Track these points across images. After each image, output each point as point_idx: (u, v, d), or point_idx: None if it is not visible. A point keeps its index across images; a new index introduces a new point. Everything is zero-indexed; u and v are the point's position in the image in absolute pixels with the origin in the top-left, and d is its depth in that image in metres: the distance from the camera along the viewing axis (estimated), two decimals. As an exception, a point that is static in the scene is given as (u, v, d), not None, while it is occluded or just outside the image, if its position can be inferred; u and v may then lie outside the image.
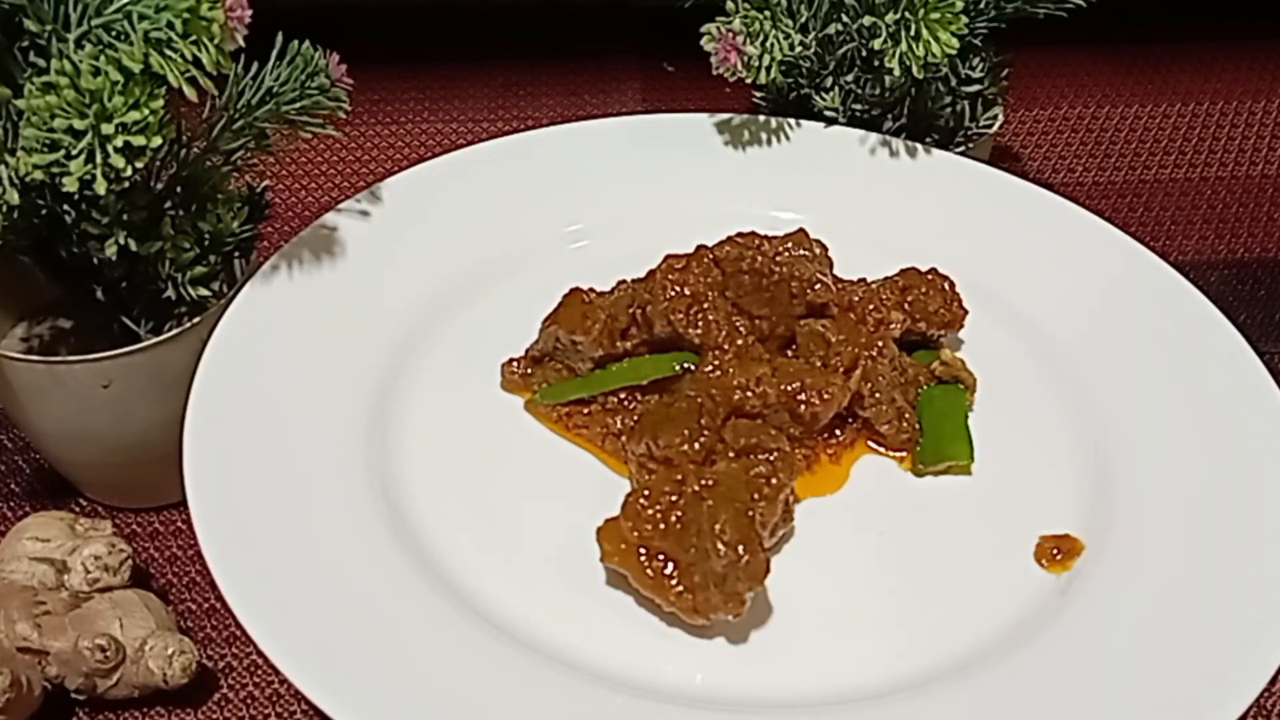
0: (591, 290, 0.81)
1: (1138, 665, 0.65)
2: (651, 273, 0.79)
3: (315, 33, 0.77)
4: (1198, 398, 0.78)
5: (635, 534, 0.69)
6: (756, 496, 0.69)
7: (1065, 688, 0.64)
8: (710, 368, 0.76)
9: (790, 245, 0.81)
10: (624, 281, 0.81)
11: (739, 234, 0.80)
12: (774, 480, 0.70)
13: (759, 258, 0.79)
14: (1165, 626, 0.67)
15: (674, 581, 0.67)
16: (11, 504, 0.87)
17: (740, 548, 0.66)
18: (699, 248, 0.80)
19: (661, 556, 0.68)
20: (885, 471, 0.77)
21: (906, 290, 0.82)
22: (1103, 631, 0.67)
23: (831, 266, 0.83)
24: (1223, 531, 0.71)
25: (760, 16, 0.87)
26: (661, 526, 0.69)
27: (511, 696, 0.63)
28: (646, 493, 0.70)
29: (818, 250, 0.82)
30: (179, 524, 0.85)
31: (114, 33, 0.67)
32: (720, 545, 0.66)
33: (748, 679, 0.67)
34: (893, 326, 0.80)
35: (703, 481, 0.70)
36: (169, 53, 0.66)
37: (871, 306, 0.81)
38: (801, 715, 0.65)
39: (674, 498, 0.69)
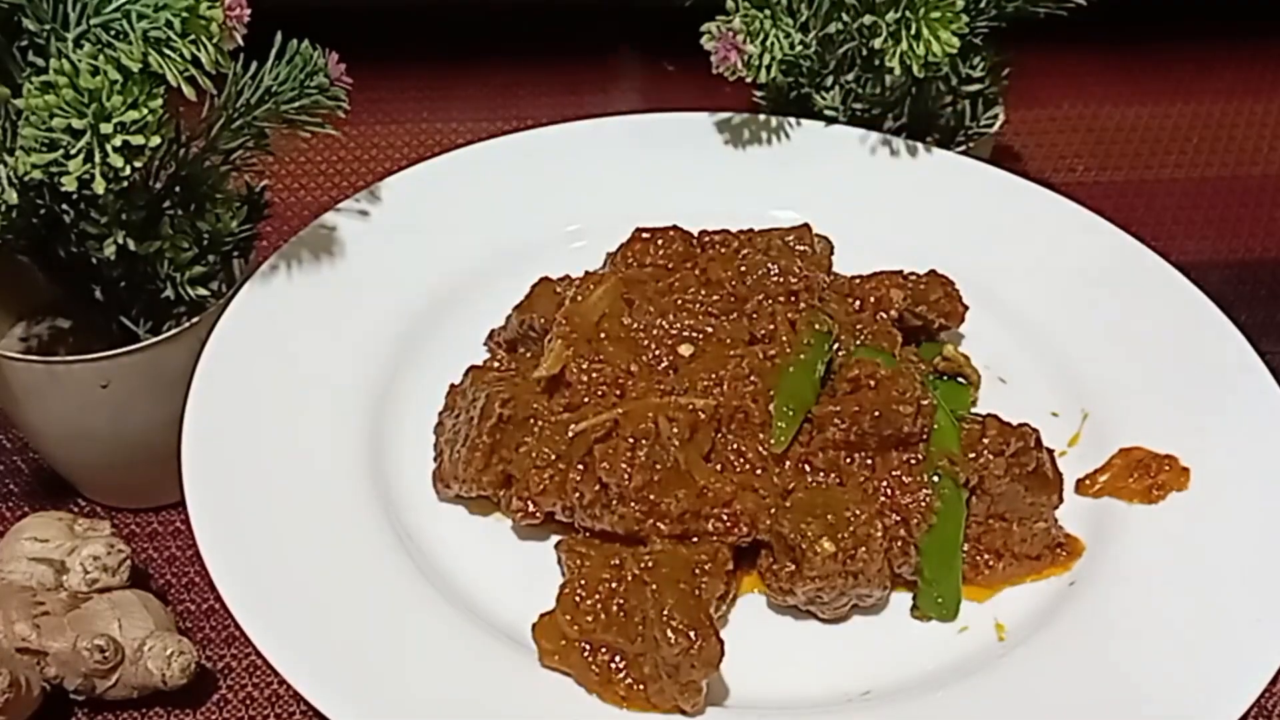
0: (566, 278, 0.82)
1: (1138, 665, 0.65)
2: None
3: (314, 32, 0.77)
4: (1199, 397, 0.78)
5: (575, 628, 0.64)
6: (698, 571, 0.66)
7: (1065, 688, 0.64)
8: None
9: (792, 239, 0.81)
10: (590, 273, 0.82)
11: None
12: (719, 554, 0.68)
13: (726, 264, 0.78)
14: (1165, 627, 0.67)
15: (622, 675, 0.64)
16: (10, 504, 0.86)
17: (692, 633, 0.62)
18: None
19: (605, 650, 0.64)
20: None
21: (907, 277, 0.82)
22: (1103, 632, 0.67)
23: (830, 267, 0.83)
24: (1223, 531, 0.71)
25: (760, 15, 0.87)
26: (603, 617, 0.65)
27: (508, 696, 0.63)
28: (583, 582, 0.66)
29: (819, 246, 0.81)
30: (178, 524, 0.85)
31: (113, 32, 0.67)
32: (670, 633, 0.62)
33: (747, 679, 0.67)
34: (893, 310, 0.79)
35: (642, 564, 0.66)
36: (168, 52, 0.66)
37: (871, 285, 0.80)
38: (799, 716, 0.65)
39: (613, 584, 0.66)
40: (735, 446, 0.72)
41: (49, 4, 0.67)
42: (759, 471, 0.71)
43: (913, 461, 0.71)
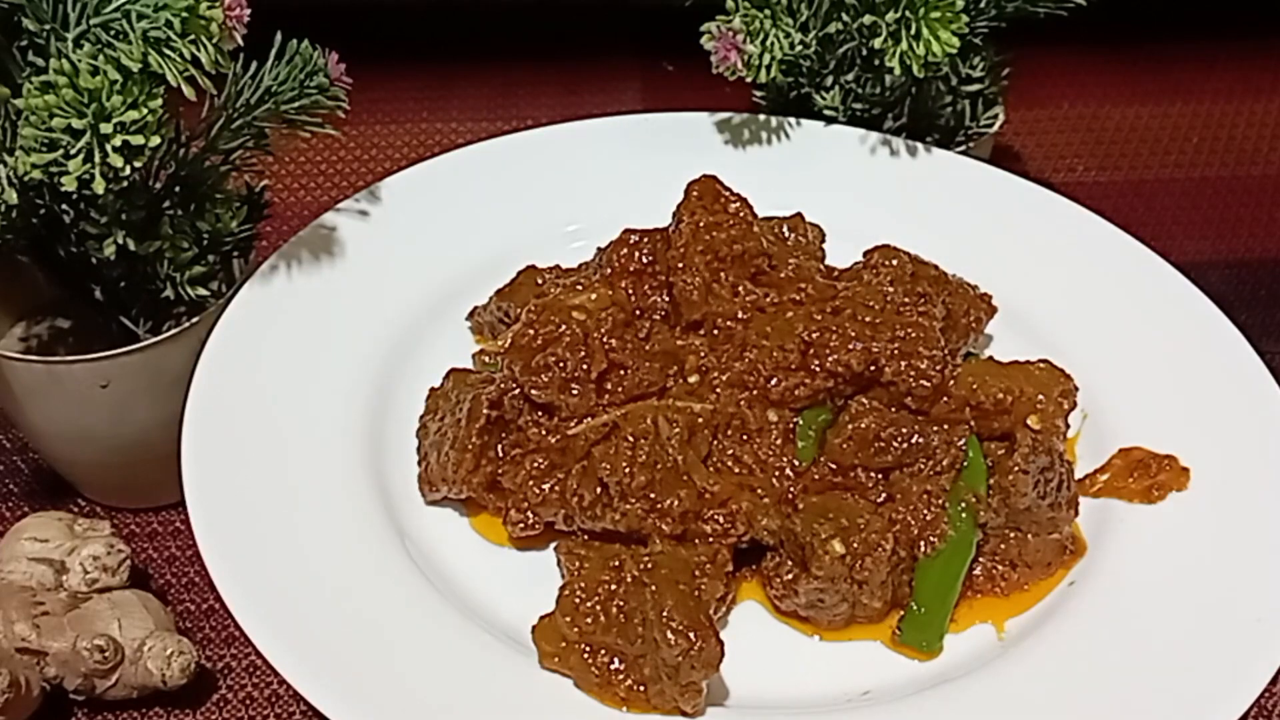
0: (555, 268, 0.82)
1: (1138, 665, 0.65)
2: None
3: (314, 32, 0.77)
4: (1199, 397, 0.78)
5: (575, 630, 0.64)
6: (698, 573, 0.66)
7: (1065, 688, 0.64)
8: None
9: (785, 227, 0.80)
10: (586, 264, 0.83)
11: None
12: (719, 556, 0.68)
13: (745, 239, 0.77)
14: (1165, 627, 0.67)
15: (622, 676, 0.64)
16: (10, 504, 0.86)
17: (692, 634, 0.62)
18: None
19: (605, 652, 0.64)
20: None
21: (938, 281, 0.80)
22: (1102, 632, 0.67)
23: (824, 255, 0.83)
24: (1223, 531, 0.71)
25: (760, 15, 0.87)
26: (603, 619, 0.65)
27: (508, 697, 0.63)
28: (582, 584, 0.66)
29: (811, 233, 0.82)
30: (177, 524, 0.85)
31: (113, 32, 0.67)
32: (670, 634, 0.62)
33: (747, 679, 0.67)
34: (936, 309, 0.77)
35: (642, 565, 0.66)
36: (168, 52, 0.66)
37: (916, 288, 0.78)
38: (799, 716, 0.65)
39: (613, 586, 0.66)
40: (732, 452, 0.72)
41: (49, 4, 0.67)
42: (758, 473, 0.71)
43: (930, 490, 0.71)
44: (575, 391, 0.71)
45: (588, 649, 0.64)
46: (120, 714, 0.75)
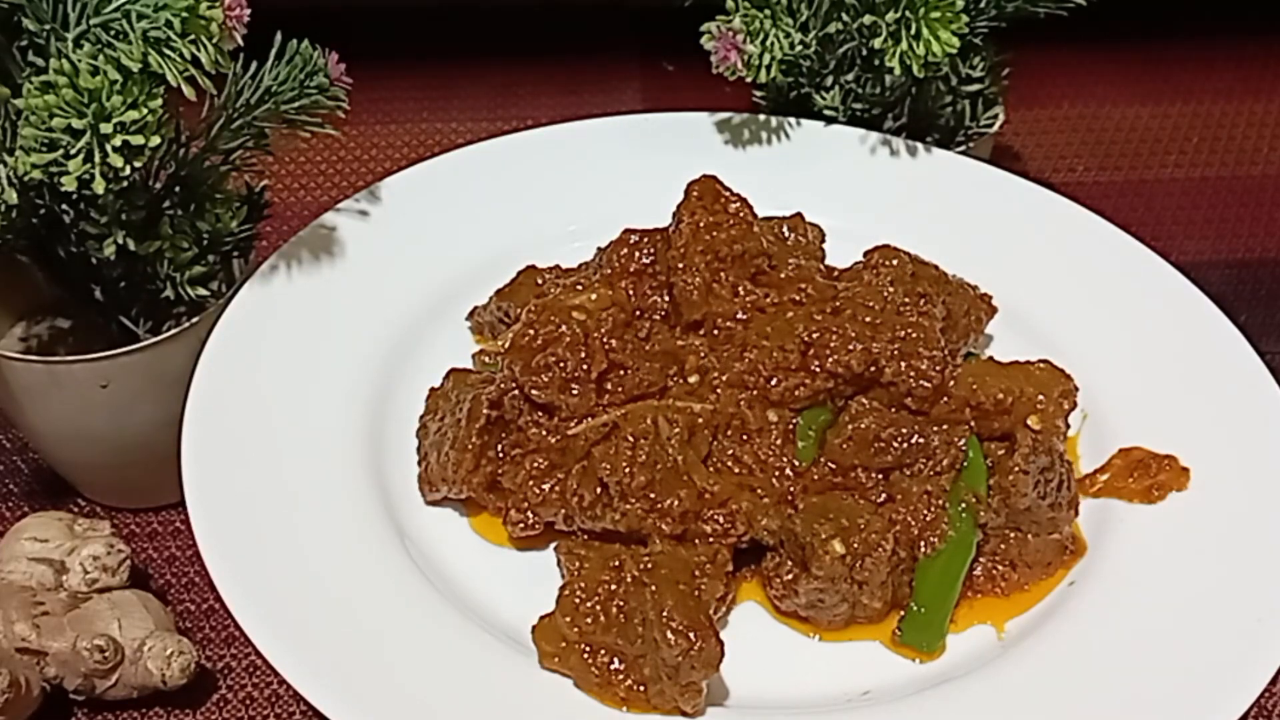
0: (555, 268, 0.82)
1: (1138, 665, 0.65)
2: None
3: (314, 32, 0.77)
4: (1199, 397, 0.78)
5: (575, 630, 0.64)
6: (698, 573, 0.66)
7: (1065, 687, 0.64)
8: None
9: (785, 227, 0.81)
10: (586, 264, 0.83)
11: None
12: (719, 556, 0.68)
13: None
14: (1165, 626, 0.67)
15: (622, 677, 0.64)
16: (10, 504, 0.86)
17: (692, 634, 0.62)
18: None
19: (605, 652, 0.64)
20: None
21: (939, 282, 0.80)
22: (1102, 632, 0.67)
23: (824, 255, 0.83)
24: (1223, 531, 0.71)
25: (760, 15, 0.87)
26: (603, 619, 0.65)
27: (508, 698, 0.63)
28: (582, 584, 0.66)
29: (811, 234, 0.82)
30: (177, 524, 0.85)
31: (113, 32, 0.67)
32: (670, 634, 0.62)
33: (747, 679, 0.67)
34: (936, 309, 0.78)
35: (642, 565, 0.66)
36: (168, 52, 0.66)
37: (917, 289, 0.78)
38: (800, 716, 0.65)
39: (613, 586, 0.66)
40: (732, 452, 0.72)
41: (49, 4, 0.67)
42: (758, 473, 0.71)
43: (930, 490, 0.71)
44: (575, 391, 0.71)
45: (588, 649, 0.64)
46: (120, 714, 0.75)
